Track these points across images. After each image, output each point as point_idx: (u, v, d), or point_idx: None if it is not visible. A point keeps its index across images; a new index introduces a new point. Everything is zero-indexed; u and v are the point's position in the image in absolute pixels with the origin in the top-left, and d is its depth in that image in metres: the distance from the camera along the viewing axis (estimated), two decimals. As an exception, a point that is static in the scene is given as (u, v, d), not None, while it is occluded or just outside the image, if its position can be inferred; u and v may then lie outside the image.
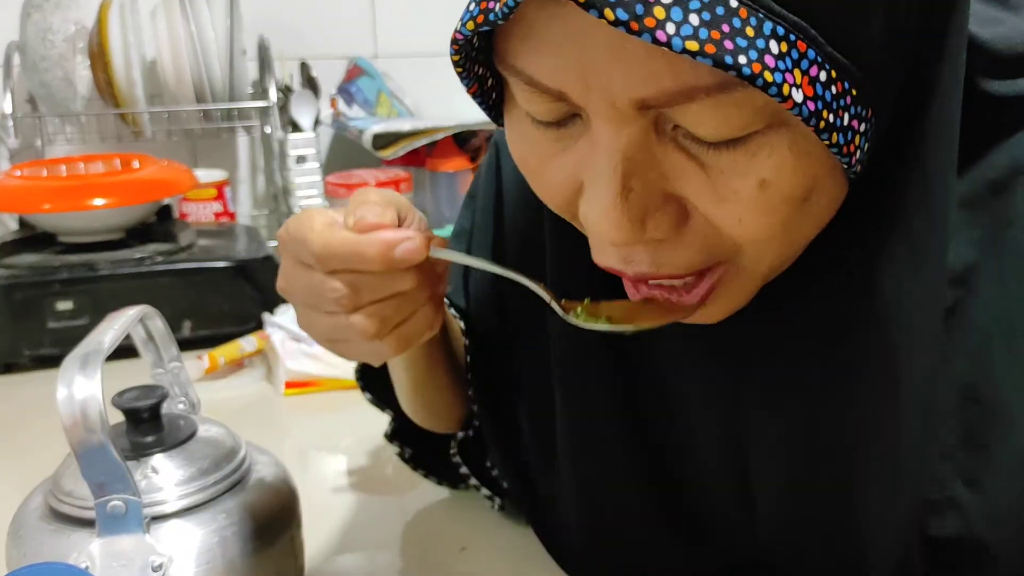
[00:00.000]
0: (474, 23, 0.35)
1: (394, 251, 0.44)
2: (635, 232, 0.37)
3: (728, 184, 0.36)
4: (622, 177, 0.36)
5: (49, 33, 1.21)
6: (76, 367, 0.44)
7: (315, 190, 1.29)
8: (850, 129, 0.35)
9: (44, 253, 1.07)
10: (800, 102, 0.32)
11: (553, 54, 0.35)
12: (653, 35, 0.31)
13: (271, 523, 0.51)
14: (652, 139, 0.36)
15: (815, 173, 0.36)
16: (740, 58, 0.31)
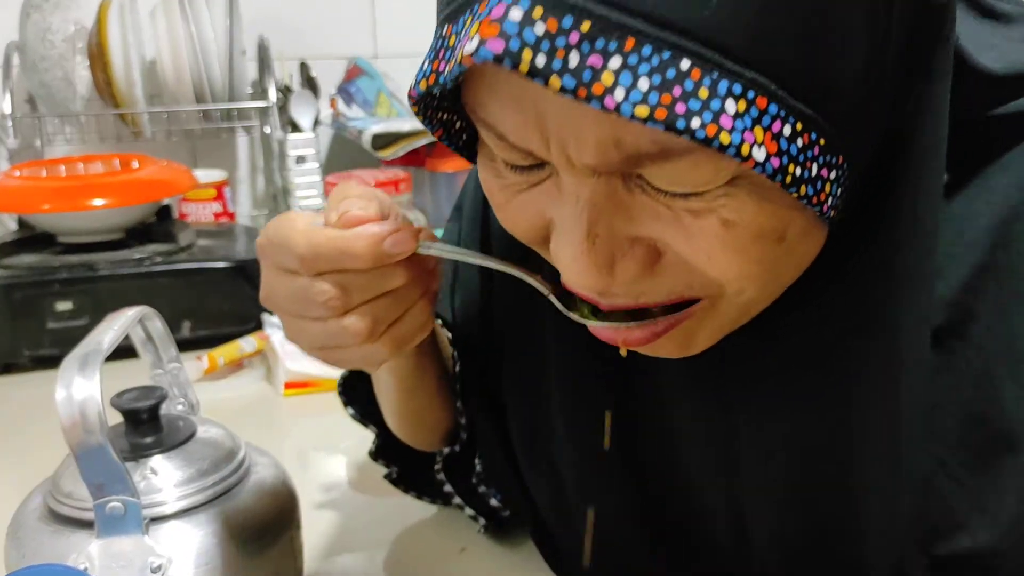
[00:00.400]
0: (426, 83, 0.35)
1: (383, 245, 0.42)
2: (602, 278, 0.37)
3: (695, 222, 0.35)
4: (588, 224, 0.36)
5: (48, 33, 1.21)
6: (75, 368, 0.44)
7: (315, 190, 1.29)
8: (819, 179, 0.34)
9: (43, 253, 1.07)
10: (762, 160, 0.32)
11: (515, 112, 0.35)
12: (602, 102, 0.30)
13: (270, 524, 0.51)
14: (618, 186, 0.36)
15: (783, 215, 0.35)
16: (693, 121, 0.30)
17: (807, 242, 0.38)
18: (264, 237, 0.45)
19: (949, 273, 0.41)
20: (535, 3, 0.30)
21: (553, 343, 0.54)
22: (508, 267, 0.45)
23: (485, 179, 0.41)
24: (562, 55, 0.30)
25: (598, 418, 0.51)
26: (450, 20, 0.35)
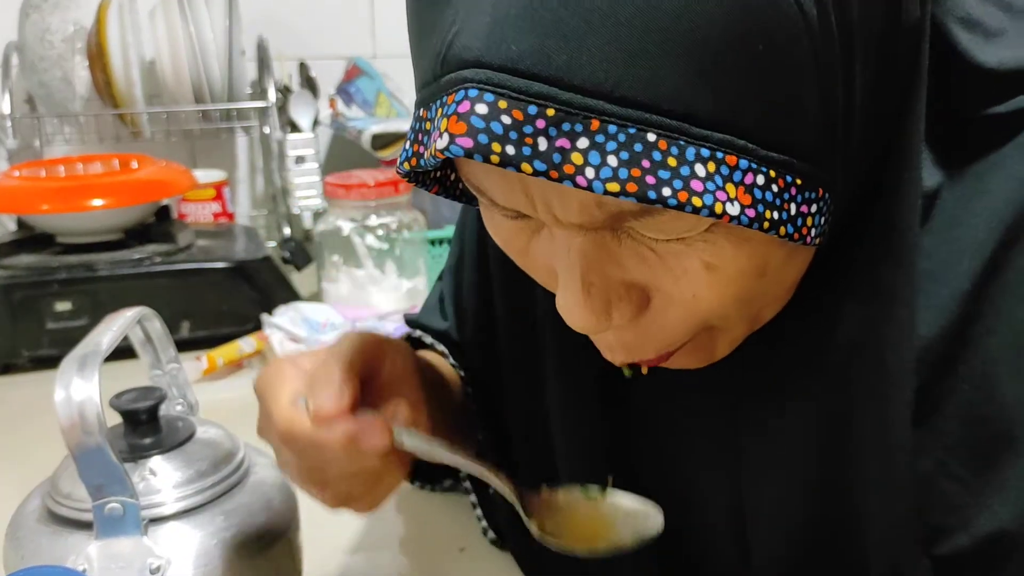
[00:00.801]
0: (408, 165, 0.36)
1: (356, 443, 0.44)
2: (600, 322, 0.38)
3: (679, 264, 0.37)
4: (582, 273, 0.37)
5: (48, 33, 1.21)
6: (74, 369, 0.44)
7: (314, 190, 1.29)
8: (800, 216, 0.35)
9: (42, 254, 1.07)
10: (737, 214, 0.32)
11: (498, 182, 0.36)
12: (573, 181, 0.31)
13: (270, 525, 0.51)
14: (607, 237, 0.37)
15: (762, 252, 0.37)
16: (664, 190, 0.31)
17: (791, 267, 0.39)
18: (258, 384, 0.48)
19: (948, 280, 0.41)
20: (499, 96, 0.31)
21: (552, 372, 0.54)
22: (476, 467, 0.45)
23: (492, 230, 0.43)
24: (531, 142, 0.31)
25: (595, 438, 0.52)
26: (423, 105, 0.36)
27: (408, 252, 1.13)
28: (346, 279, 1.12)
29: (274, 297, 1.06)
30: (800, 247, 0.38)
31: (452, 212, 1.25)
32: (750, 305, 0.39)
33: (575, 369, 0.52)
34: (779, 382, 0.45)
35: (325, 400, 0.44)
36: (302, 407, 0.45)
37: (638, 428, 0.52)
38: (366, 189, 1.10)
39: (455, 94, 0.32)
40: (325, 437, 0.44)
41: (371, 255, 1.11)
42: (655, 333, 0.40)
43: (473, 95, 0.32)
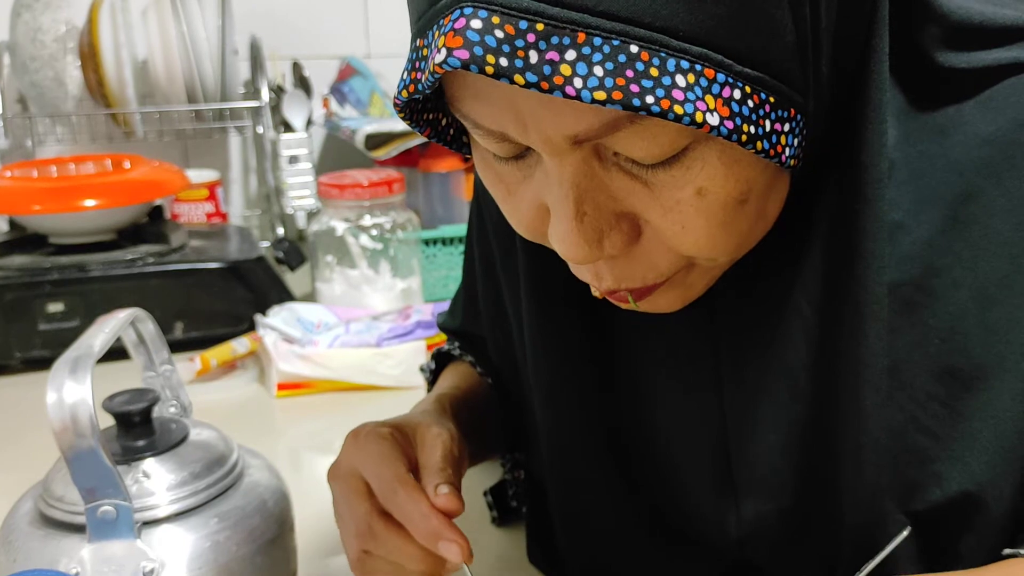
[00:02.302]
0: (407, 92, 0.38)
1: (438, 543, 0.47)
2: (592, 251, 0.40)
3: (670, 196, 0.39)
4: (574, 203, 0.39)
5: (39, 33, 1.21)
6: (66, 371, 0.44)
7: (308, 190, 1.29)
8: (774, 133, 0.37)
9: (35, 254, 1.07)
10: (716, 124, 0.34)
11: (488, 103, 0.38)
12: (563, 91, 0.33)
13: (263, 527, 0.51)
14: (596, 166, 0.39)
15: (748, 176, 0.39)
16: (647, 98, 0.33)
17: (771, 198, 0.41)
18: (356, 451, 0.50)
19: (913, 229, 0.43)
20: (492, 12, 0.34)
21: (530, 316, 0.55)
22: None
23: (482, 173, 0.44)
24: (522, 55, 0.33)
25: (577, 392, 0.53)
26: (420, 35, 0.38)
27: (402, 252, 1.12)
28: (340, 279, 1.12)
29: (268, 297, 1.06)
30: (778, 177, 0.41)
31: (445, 212, 1.25)
32: (733, 237, 0.41)
33: (557, 311, 0.53)
34: (757, 323, 0.47)
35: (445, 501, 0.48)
36: None
37: (621, 367, 0.53)
38: (360, 189, 1.10)
39: (451, 14, 0.35)
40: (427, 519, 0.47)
41: (365, 255, 1.11)
42: (643, 263, 0.42)
43: (468, 12, 0.34)
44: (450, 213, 1.25)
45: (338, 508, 0.51)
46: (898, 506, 0.45)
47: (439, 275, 1.19)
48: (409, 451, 0.51)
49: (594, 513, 0.56)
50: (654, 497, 0.54)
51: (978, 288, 0.42)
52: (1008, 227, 0.42)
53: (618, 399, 0.53)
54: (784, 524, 0.49)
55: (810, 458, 0.47)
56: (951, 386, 0.43)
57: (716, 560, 0.53)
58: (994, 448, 0.43)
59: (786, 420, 0.47)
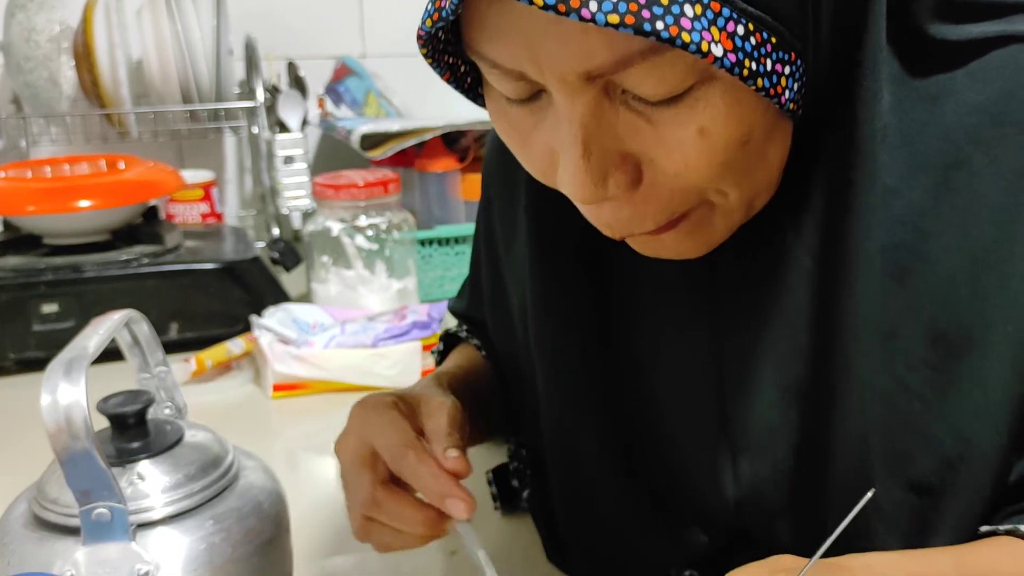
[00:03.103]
0: (431, 20, 0.40)
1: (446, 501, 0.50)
2: (598, 190, 0.42)
3: (673, 135, 0.40)
4: (582, 142, 0.41)
5: (34, 33, 1.20)
6: (60, 373, 0.43)
7: (303, 191, 1.28)
8: (774, 73, 0.39)
9: (29, 255, 1.06)
10: (720, 56, 0.36)
11: (505, 40, 0.40)
12: (579, 14, 0.35)
13: (259, 529, 0.51)
14: (605, 105, 0.40)
15: (750, 118, 0.40)
16: (658, 24, 0.35)
17: (773, 144, 0.43)
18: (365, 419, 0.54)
19: (905, 194, 0.44)
20: None
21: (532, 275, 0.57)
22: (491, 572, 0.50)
23: (497, 122, 0.46)
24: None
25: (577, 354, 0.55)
26: None
27: (398, 252, 1.12)
28: (336, 280, 1.11)
29: (263, 298, 1.05)
30: (779, 124, 0.42)
31: (441, 212, 1.25)
32: (733, 175, 0.42)
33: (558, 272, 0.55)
34: (757, 278, 0.48)
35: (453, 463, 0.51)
36: None
37: (621, 326, 0.54)
38: (356, 189, 1.09)
39: None
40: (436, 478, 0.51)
41: (361, 255, 1.11)
42: (650, 204, 0.43)
43: None
44: (446, 213, 1.25)
45: (345, 477, 0.54)
46: (888, 473, 0.46)
47: (435, 275, 1.19)
48: (414, 420, 0.54)
49: (593, 481, 0.57)
50: (652, 462, 0.55)
51: (968, 253, 0.44)
52: (997, 193, 0.43)
53: (617, 357, 0.54)
54: (778, 486, 0.50)
55: (805, 416, 0.48)
56: (941, 351, 0.44)
57: (713, 531, 0.54)
58: (983, 413, 0.44)
59: (784, 375, 0.48)
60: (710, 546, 0.54)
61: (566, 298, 0.55)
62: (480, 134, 1.27)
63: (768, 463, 0.50)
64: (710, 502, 0.53)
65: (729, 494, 0.52)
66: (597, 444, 0.55)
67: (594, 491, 0.57)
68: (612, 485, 0.56)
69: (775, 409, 0.49)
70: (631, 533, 0.56)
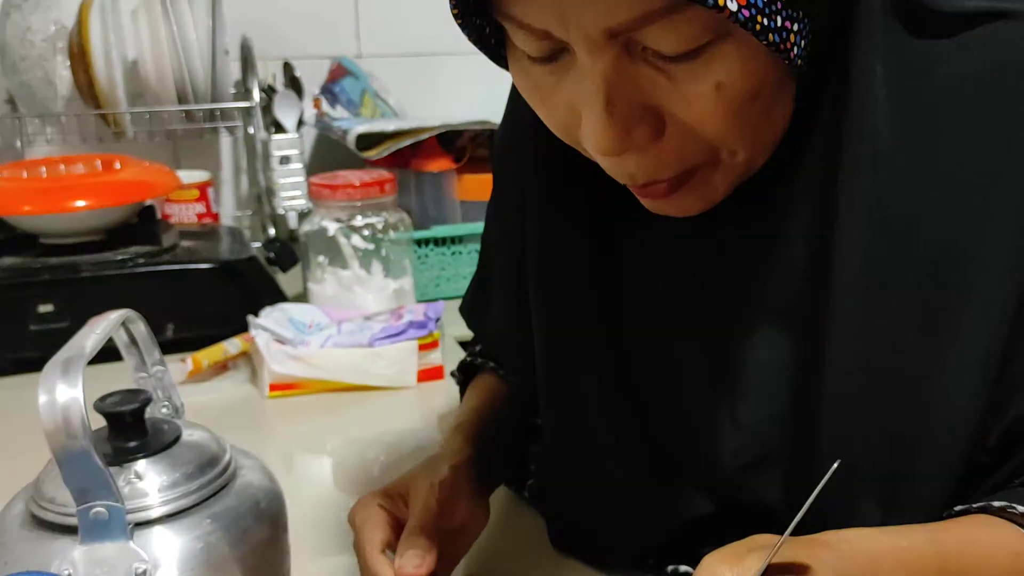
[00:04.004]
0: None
1: None
2: (622, 142, 0.44)
3: (691, 89, 0.43)
4: (605, 96, 0.43)
5: (28, 33, 1.20)
6: (57, 372, 0.43)
7: (299, 191, 1.28)
8: (784, 29, 0.41)
9: (25, 255, 1.06)
10: (735, 10, 0.39)
11: (535, 2, 0.42)
12: None
13: (256, 528, 0.51)
14: (626, 61, 0.43)
15: (762, 73, 0.43)
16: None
17: (781, 99, 0.46)
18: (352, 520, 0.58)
19: (896, 159, 0.46)
20: None
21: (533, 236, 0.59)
22: None
23: (519, 81, 0.48)
24: None
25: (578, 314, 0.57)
26: None
27: (394, 252, 1.12)
28: (332, 280, 1.11)
29: (259, 298, 1.05)
30: (786, 80, 0.45)
31: (437, 212, 1.25)
32: (747, 128, 0.45)
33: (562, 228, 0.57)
34: (761, 231, 0.51)
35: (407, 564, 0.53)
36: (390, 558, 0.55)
37: (625, 277, 0.56)
38: (352, 189, 1.09)
39: None
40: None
41: (357, 255, 1.11)
42: (672, 153, 0.46)
43: None
44: (442, 213, 1.25)
45: None
46: (868, 423, 0.48)
47: (431, 275, 1.19)
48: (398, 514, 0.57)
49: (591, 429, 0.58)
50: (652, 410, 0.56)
51: (951, 216, 0.46)
52: (981, 160, 0.45)
53: (620, 303, 0.56)
54: (774, 431, 0.52)
55: (803, 365, 0.50)
56: (924, 309, 0.46)
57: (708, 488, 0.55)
58: (961, 370, 0.46)
59: (784, 322, 0.50)
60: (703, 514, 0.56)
61: (567, 243, 0.57)
62: (476, 134, 1.27)
63: (765, 406, 0.52)
64: (708, 451, 0.54)
65: (727, 442, 0.53)
66: (596, 390, 0.57)
67: (593, 441, 0.58)
68: (611, 433, 0.57)
69: (774, 353, 0.51)
70: (628, 490, 0.57)
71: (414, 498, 0.57)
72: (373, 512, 0.57)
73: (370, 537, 0.56)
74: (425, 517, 0.56)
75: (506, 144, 0.64)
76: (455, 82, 1.46)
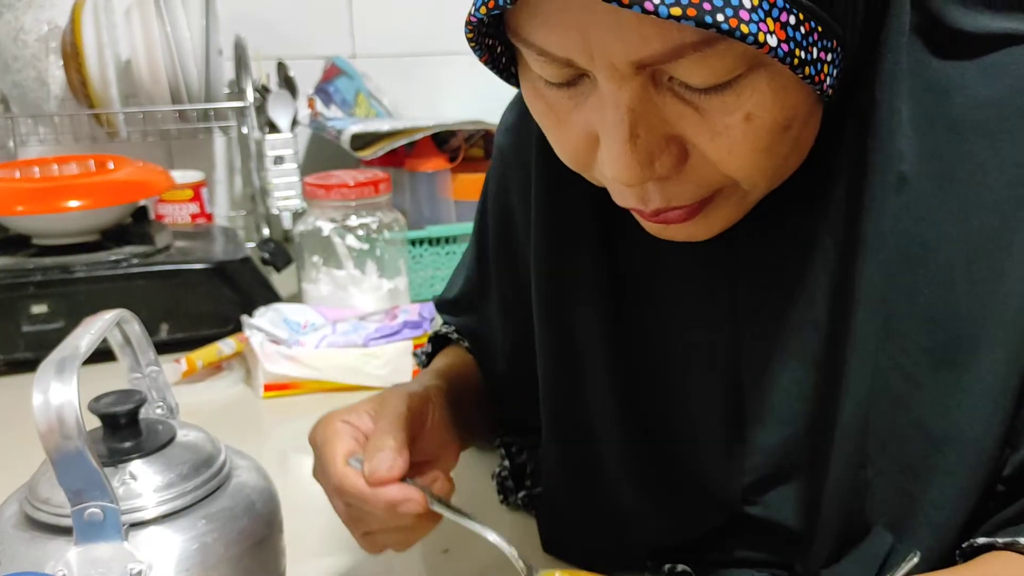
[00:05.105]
0: (486, 8, 0.40)
1: (397, 508, 0.50)
2: (644, 172, 0.42)
3: (720, 120, 0.41)
4: (629, 126, 0.41)
5: (21, 33, 1.20)
6: (52, 372, 0.43)
7: (293, 191, 1.28)
8: (819, 61, 0.40)
9: (18, 256, 1.06)
10: (775, 45, 0.38)
11: (559, 28, 0.40)
12: (642, 6, 0.36)
13: (252, 528, 0.50)
14: (651, 91, 0.41)
15: (793, 104, 0.42)
16: (718, 16, 0.36)
17: (808, 127, 0.44)
18: (313, 440, 0.55)
19: (914, 182, 0.45)
20: None
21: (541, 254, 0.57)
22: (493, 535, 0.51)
23: (533, 104, 0.46)
24: None
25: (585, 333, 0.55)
26: None
27: (389, 252, 1.12)
28: (326, 280, 1.11)
29: (254, 298, 1.05)
30: (815, 108, 0.44)
31: (432, 212, 1.25)
32: (774, 161, 0.43)
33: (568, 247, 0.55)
34: (779, 256, 0.50)
35: (379, 466, 0.50)
36: (356, 467, 0.51)
37: (633, 300, 0.55)
38: (346, 189, 1.09)
39: None
40: (373, 501, 0.51)
41: (351, 255, 1.11)
42: (691, 182, 0.44)
43: None
44: (436, 213, 1.25)
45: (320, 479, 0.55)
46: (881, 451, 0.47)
47: (426, 275, 1.19)
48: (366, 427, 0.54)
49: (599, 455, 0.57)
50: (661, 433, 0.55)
51: (968, 242, 0.45)
52: (999, 185, 0.44)
53: (628, 331, 0.55)
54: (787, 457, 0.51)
55: (818, 388, 0.49)
56: (937, 336, 0.46)
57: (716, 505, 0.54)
58: (976, 400, 0.45)
59: (805, 349, 0.49)
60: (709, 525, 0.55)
61: (576, 270, 0.55)
62: (470, 134, 1.27)
63: (778, 429, 0.51)
64: (718, 469, 0.54)
65: (738, 462, 0.53)
66: (605, 405, 0.56)
67: (600, 455, 0.57)
68: (619, 447, 0.56)
69: (794, 381, 0.50)
70: (636, 504, 0.57)
71: (383, 406, 0.54)
72: (336, 427, 0.53)
73: (333, 449, 0.52)
74: (396, 422, 0.53)
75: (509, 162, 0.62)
76: (449, 82, 1.46)
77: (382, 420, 0.53)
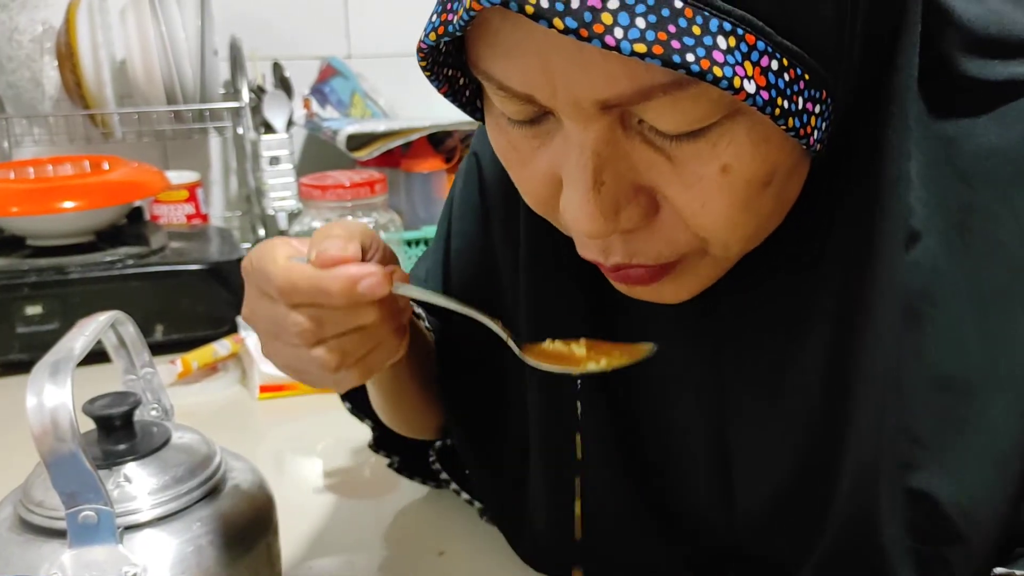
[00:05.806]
0: (435, 34, 0.37)
1: (357, 287, 0.44)
2: (608, 224, 0.39)
3: (694, 171, 0.37)
4: (593, 172, 0.38)
5: (16, 33, 1.20)
6: (46, 375, 0.43)
7: (289, 191, 1.28)
8: (805, 112, 0.36)
9: (12, 257, 1.05)
10: (753, 92, 0.34)
11: (518, 61, 0.37)
12: (603, 40, 0.32)
13: (247, 530, 0.50)
14: (619, 134, 0.38)
15: (775, 158, 0.38)
16: (688, 56, 0.32)
17: (792, 183, 0.41)
18: (248, 261, 0.47)
19: (924, 236, 0.42)
20: None
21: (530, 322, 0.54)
22: (471, 311, 0.47)
23: (496, 141, 0.43)
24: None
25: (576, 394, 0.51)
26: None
27: (384, 253, 1.12)
28: (322, 281, 1.11)
29: (249, 299, 1.05)
30: (801, 163, 0.40)
31: (427, 213, 1.25)
32: (753, 219, 0.40)
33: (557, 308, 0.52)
34: (767, 320, 0.46)
35: (330, 246, 0.44)
36: (302, 263, 0.45)
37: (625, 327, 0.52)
38: (342, 190, 1.09)
39: None
40: (328, 282, 0.44)
41: (347, 256, 1.10)
42: (659, 239, 0.41)
43: None
44: (432, 214, 1.25)
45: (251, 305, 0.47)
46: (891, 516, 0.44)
47: (421, 276, 1.18)
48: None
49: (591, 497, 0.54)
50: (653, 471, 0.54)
51: (977, 297, 0.42)
52: (1011, 238, 0.42)
53: (615, 389, 0.53)
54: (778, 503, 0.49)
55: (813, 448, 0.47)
56: (945, 395, 0.43)
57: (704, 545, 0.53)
58: (987, 461, 0.42)
59: (796, 414, 0.47)
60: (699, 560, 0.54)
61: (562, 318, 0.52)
62: (466, 135, 1.27)
63: (768, 486, 0.49)
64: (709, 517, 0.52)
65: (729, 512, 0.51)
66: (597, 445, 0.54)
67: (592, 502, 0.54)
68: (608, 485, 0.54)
69: (785, 445, 0.47)
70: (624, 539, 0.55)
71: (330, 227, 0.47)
72: (272, 241, 0.47)
73: (272, 253, 0.45)
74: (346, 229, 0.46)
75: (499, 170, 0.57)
76: (445, 82, 1.45)
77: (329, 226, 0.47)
